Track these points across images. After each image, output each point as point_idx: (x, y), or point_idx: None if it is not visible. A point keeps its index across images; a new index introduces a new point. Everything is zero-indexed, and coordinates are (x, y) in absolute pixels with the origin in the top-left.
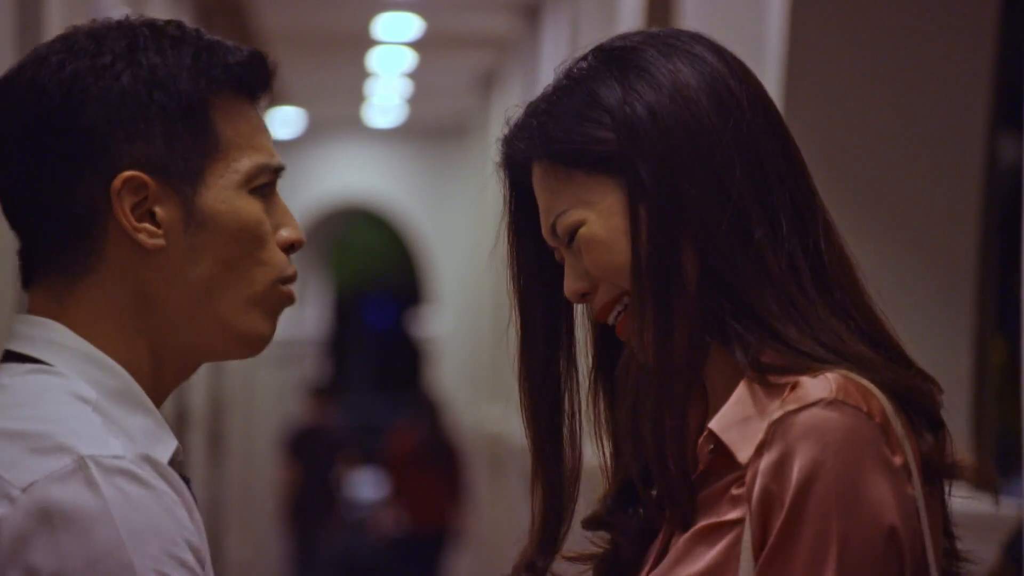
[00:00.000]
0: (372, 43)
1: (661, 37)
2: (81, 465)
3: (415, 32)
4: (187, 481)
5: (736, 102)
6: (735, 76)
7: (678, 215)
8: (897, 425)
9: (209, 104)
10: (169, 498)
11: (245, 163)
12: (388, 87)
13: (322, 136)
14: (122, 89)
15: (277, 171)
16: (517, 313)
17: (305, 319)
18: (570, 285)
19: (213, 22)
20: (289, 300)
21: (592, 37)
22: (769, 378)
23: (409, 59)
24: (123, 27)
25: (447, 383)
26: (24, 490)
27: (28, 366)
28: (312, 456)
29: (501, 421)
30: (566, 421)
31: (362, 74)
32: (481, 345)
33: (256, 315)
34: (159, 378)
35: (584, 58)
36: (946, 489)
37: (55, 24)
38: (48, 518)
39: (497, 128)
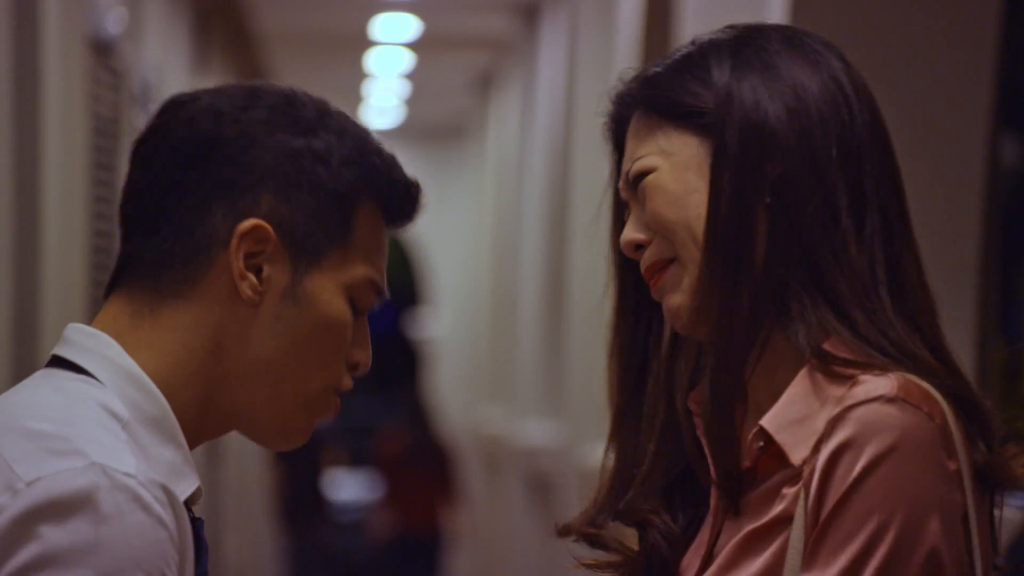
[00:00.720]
0: (370, 44)
1: (792, 30)
2: (91, 470)
3: (413, 33)
4: (200, 521)
5: (848, 107)
6: (854, 86)
7: (759, 186)
8: (955, 431)
9: (359, 204)
10: (164, 531)
11: (361, 270)
12: (386, 88)
13: None
14: (293, 150)
15: (378, 297)
16: (613, 278)
17: None
18: (627, 234)
19: (211, 23)
20: (333, 411)
21: (591, 38)
22: (833, 367)
23: (407, 60)
24: (315, 101)
25: (445, 385)
26: (29, 484)
27: (70, 374)
28: (294, 458)
29: (499, 423)
30: (649, 387)
31: (360, 75)
32: (479, 347)
33: (302, 416)
34: (201, 423)
35: (714, 32)
36: (997, 501)
37: (51, 23)
38: (41, 512)
39: (496, 130)
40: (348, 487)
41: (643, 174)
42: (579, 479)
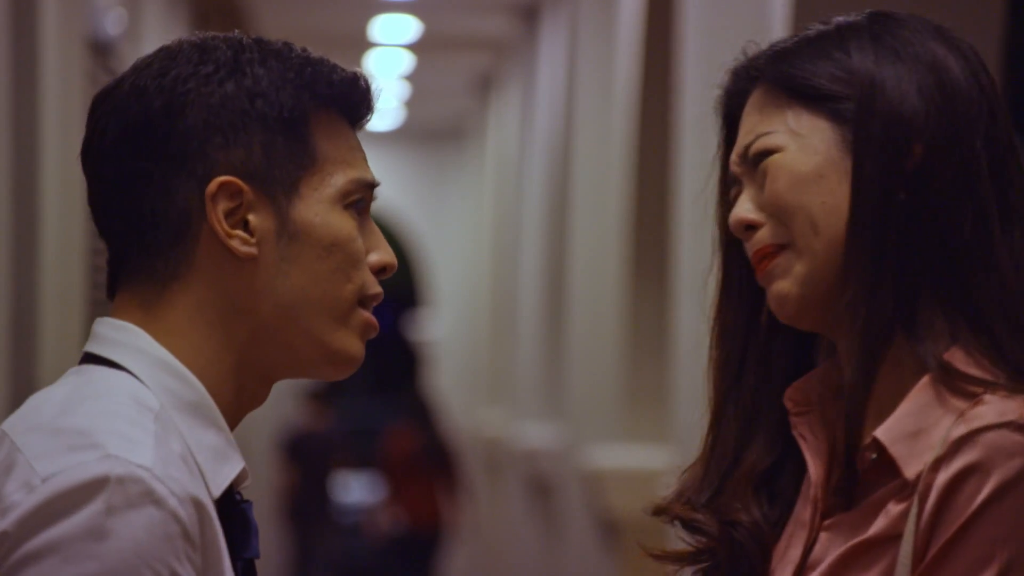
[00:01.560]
0: (369, 45)
1: (933, 23)
2: (105, 461)
3: (412, 34)
4: (248, 504)
5: (991, 104)
6: (993, 84)
7: (902, 182)
8: None
9: (309, 118)
10: (176, 525)
11: (340, 178)
12: (385, 89)
13: None
14: (224, 95)
15: (372, 187)
16: (718, 257)
17: None
18: (738, 212)
19: (210, 23)
20: (372, 328)
21: (591, 39)
22: (957, 383)
23: (406, 61)
24: (229, 40)
25: (445, 387)
26: (44, 480)
27: (102, 368)
28: (310, 460)
29: (499, 425)
30: (751, 370)
31: None
32: (479, 349)
33: (345, 333)
34: (239, 394)
35: (850, 15)
36: None
37: (50, 24)
38: (52, 504)
39: (495, 131)
40: (352, 489)
41: (768, 152)
42: (579, 482)
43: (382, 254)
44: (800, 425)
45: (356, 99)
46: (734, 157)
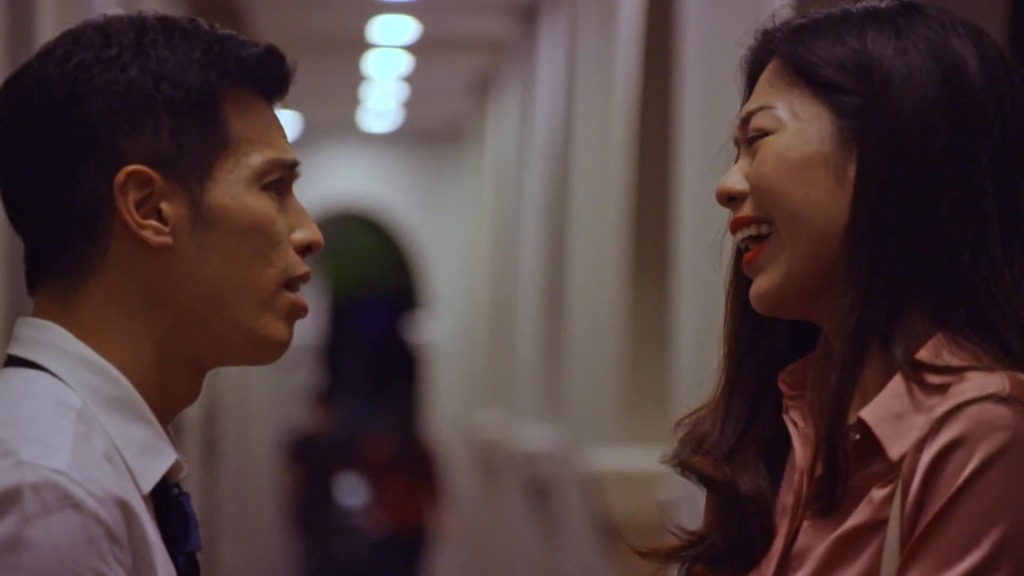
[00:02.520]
0: (368, 46)
1: (965, 20)
2: (18, 469)
3: (411, 35)
4: (186, 496)
5: (1009, 111)
6: (1012, 88)
7: (907, 183)
8: None
9: (220, 98)
10: (99, 527)
11: (256, 158)
12: (384, 91)
13: (317, 140)
14: (128, 81)
15: (292, 167)
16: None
17: (300, 325)
18: (724, 182)
19: None
20: (301, 309)
21: (591, 40)
22: (926, 377)
23: (405, 63)
24: (133, 21)
25: (443, 389)
26: None
27: (23, 370)
28: (314, 461)
29: (498, 428)
30: (763, 336)
31: (358, 78)
32: (477, 351)
33: (270, 319)
34: (166, 387)
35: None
36: None
37: (47, 24)
38: None
39: (495, 133)
40: (348, 491)
41: (764, 132)
42: (579, 484)
43: (307, 232)
44: (792, 410)
45: (270, 75)
46: (737, 120)
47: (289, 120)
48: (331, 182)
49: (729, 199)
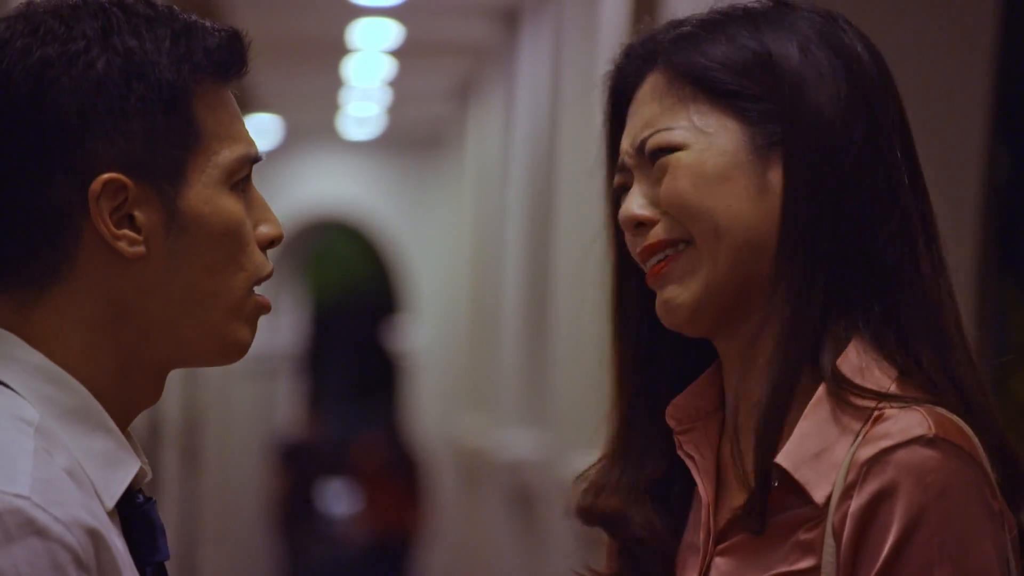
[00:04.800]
0: (348, 51)
1: (831, 11)
2: None
3: (393, 39)
4: (152, 503)
5: (896, 94)
6: (889, 73)
7: (832, 186)
8: (989, 468)
9: (190, 92)
10: (65, 553)
11: (226, 156)
12: (365, 96)
13: (298, 145)
14: (98, 78)
15: (255, 161)
16: (610, 240)
17: (281, 332)
18: (630, 208)
19: None
20: (264, 308)
21: (575, 44)
22: (849, 396)
23: (387, 67)
24: (90, 6)
25: (425, 396)
26: None
27: None
28: (302, 467)
29: (480, 435)
30: (648, 371)
31: (339, 82)
32: (459, 358)
33: (238, 323)
34: (127, 392)
35: (758, 2)
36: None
37: None
38: None
39: (476, 137)
40: (332, 497)
41: (667, 149)
42: (563, 493)
43: (270, 227)
44: (686, 444)
45: (234, 61)
46: (627, 147)
47: (271, 124)
48: (312, 188)
49: (637, 225)
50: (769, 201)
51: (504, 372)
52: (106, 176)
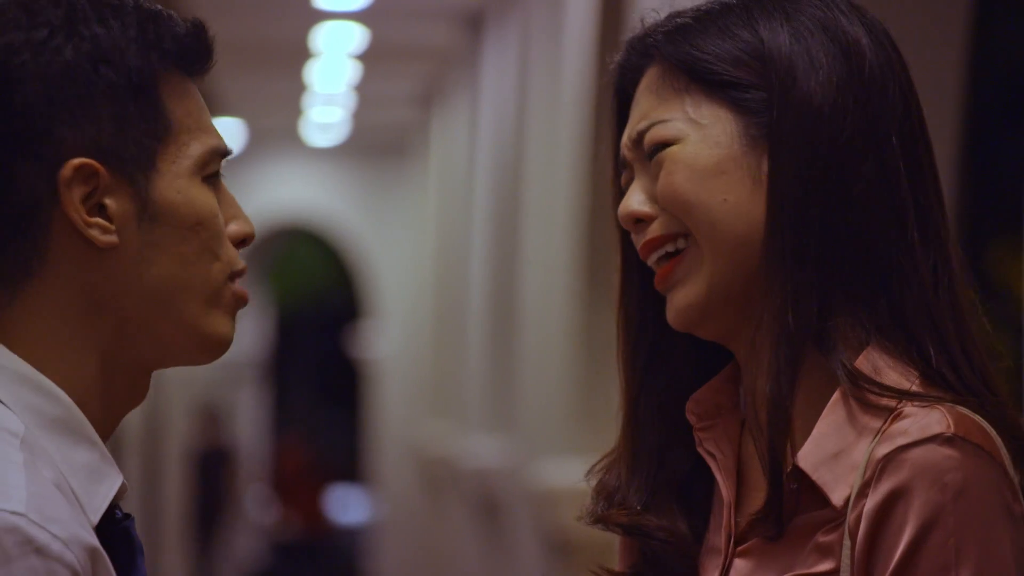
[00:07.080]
0: (313, 54)
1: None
2: None
3: (358, 43)
4: (131, 519)
5: (905, 85)
6: (901, 62)
7: (820, 175)
8: (1011, 469)
9: (157, 80)
10: (65, 571)
11: (196, 147)
12: (329, 100)
13: (261, 150)
14: (65, 65)
15: (225, 156)
16: (619, 247)
17: (244, 339)
18: (628, 205)
19: None
20: (243, 300)
21: (541, 48)
22: (868, 394)
23: (351, 72)
24: None
25: (389, 403)
26: None
27: None
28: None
29: (445, 443)
30: (660, 368)
31: (303, 86)
32: (424, 365)
33: (217, 316)
34: (111, 396)
35: None
36: None
37: None
38: None
39: (441, 143)
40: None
41: (663, 144)
42: (529, 501)
43: (242, 224)
44: (706, 441)
45: (199, 53)
46: (626, 141)
47: (234, 128)
48: (276, 193)
49: (636, 221)
50: (764, 192)
51: (469, 379)
52: (77, 161)
